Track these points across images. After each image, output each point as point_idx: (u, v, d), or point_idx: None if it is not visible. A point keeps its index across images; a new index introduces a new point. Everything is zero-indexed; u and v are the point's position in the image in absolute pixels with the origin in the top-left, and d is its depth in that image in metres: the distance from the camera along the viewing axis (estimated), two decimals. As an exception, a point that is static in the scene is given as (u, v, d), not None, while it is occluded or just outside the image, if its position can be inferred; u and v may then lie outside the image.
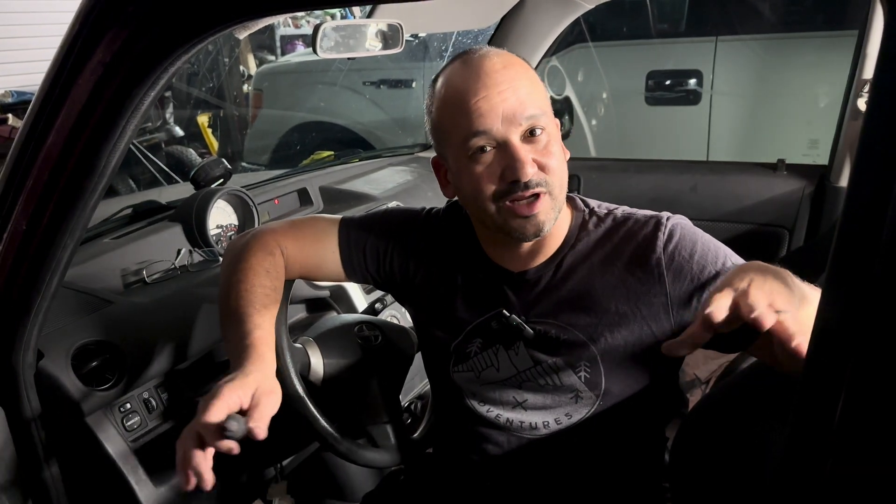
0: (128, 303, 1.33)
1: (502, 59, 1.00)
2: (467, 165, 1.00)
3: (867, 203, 0.50)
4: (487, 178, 0.99)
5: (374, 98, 4.52)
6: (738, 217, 2.08)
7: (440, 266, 1.16)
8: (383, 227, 1.19)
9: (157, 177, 3.50)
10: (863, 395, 0.51)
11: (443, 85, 1.03)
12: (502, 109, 0.96)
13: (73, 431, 1.16)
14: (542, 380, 1.08)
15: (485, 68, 0.98)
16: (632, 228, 1.06)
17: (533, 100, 0.98)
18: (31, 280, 1.00)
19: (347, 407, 1.22)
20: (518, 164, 0.96)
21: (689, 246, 1.03)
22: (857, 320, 0.51)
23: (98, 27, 0.83)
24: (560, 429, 1.10)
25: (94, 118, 0.87)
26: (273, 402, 0.90)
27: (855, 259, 0.51)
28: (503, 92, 0.96)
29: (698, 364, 1.96)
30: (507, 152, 0.97)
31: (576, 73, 3.55)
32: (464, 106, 0.98)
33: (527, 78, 1.00)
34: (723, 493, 1.07)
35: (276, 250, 1.14)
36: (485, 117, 0.96)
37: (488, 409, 1.13)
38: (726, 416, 1.15)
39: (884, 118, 0.49)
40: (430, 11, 1.80)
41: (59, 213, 0.95)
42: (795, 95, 3.20)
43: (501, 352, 1.10)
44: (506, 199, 0.99)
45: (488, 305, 1.11)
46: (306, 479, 1.67)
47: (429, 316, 1.18)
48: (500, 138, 0.97)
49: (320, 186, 2.03)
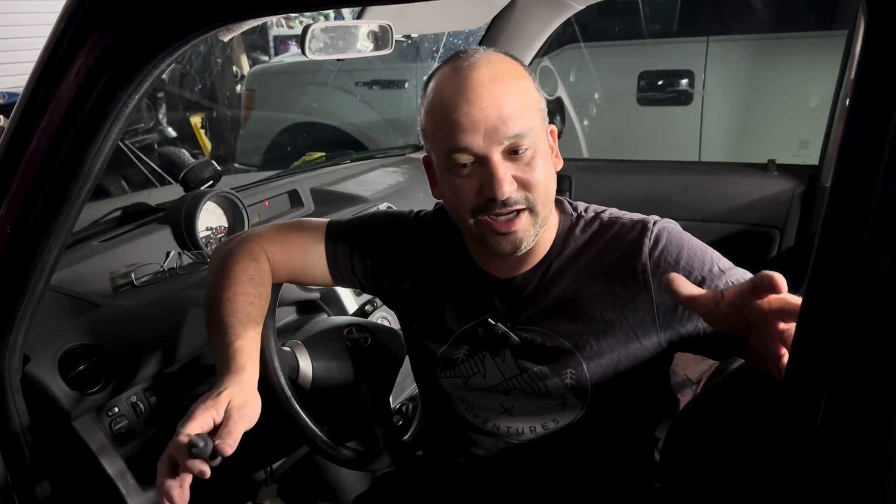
0: (116, 306, 1.32)
1: (491, 69, 0.96)
2: (447, 176, 1.00)
3: (849, 203, 0.50)
4: (466, 192, 0.98)
5: (366, 99, 4.52)
6: (729, 217, 2.08)
7: (427, 271, 1.15)
8: (370, 232, 1.19)
9: (150, 178, 3.47)
10: (845, 395, 0.51)
11: (431, 91, 1.01)
12: (484, 126, 0.94)
13: (60, 436, 1.15)
14: (528, 387, 1.08)
15: (471, 81, 0.95)
16: (618, 233, 1.05)
17: (519, 116, 0.95)
18: (17, 284, 1.00)
19: (337, 410, 1.22)
20: (496, 182, 0.94)
21: (675, 252, 1.01)
22: (840, 321, 0.51)
23: (81, 30, 0.82)
24: (547, 433, 1.10)
25: (79, 121, 0.86)
26: (246, 416, 0.91)
27: (837, 259, 0.51)
28: (485, 109, 0.94)
29: (689, 365, 1.96)
30: (486, 168, 0.95)
31: (567, 74, 3.55)
32: (447, 118, 0.96)
33: (516, 91, 0.96)
34: (714, 494, 1.07)
35: (262, 256, 1.13)
36: (465, 133, 0.94)
37: (475, 415, 1.13)
38: (717, 416, 1.15)
39: (865, 119, 0.50)
40: (421, 12, 1.80)
41: (45, 217, 0.94)
42: (786, 95, 3.22)
43: (488, 359, 1.10)
44: (484, 215, 0.98)
45: (475, 312, 1.10)
46: (297, 481, 1.66)
47: (416, 322, 1.17)
48: (480, 154, 0.95)
49: (311, 188, 2.03)
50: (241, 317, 1.05)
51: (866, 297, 0.49)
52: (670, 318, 1.01)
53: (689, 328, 1.01)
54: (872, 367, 0.49)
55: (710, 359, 1.81)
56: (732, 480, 0.97)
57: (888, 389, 0.49)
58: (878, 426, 0.50)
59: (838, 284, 0.51)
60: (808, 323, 0.54)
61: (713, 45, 3.30)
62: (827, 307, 0.52)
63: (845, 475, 0.52)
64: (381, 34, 1.54)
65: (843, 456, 0.52)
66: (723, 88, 3.31)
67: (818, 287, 0.53)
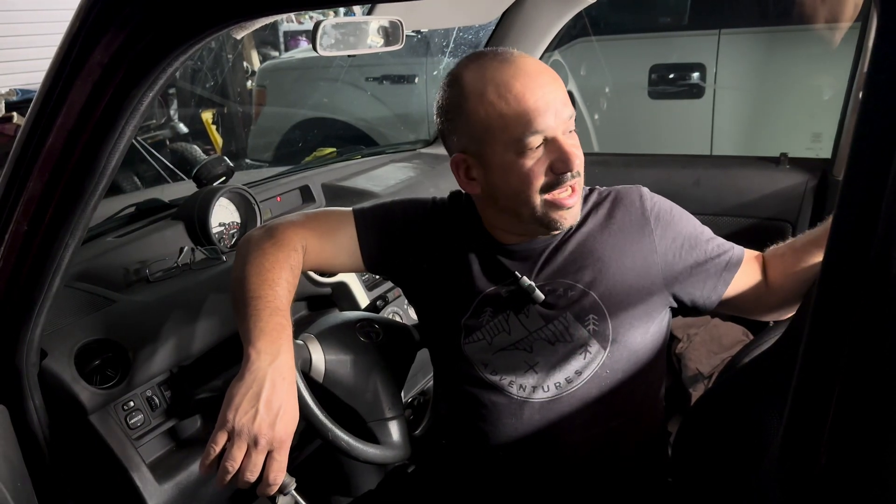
0: (130, 301, 1.34)
1: (529, 62, 1.07)
2: (516, 161, 1.06)
3: (861, 197, 0.50)
4: (537, 173, 1.06)
5: (377, 94, 4.52)
6: (741, 211, 2.07)
7: (448, 250, 1.20)
8: (395, 217, 1.24)
9: (162, 174, 3.49)
10: (857, 390, 0.51)
11: (476, 87, 1.06)
12: (554, 108, 1.04)
13: (76, 430, 1.17)
14: (552, 337, 1.13)
15: (529, 69, 1.05)
16: (617, 197, 1.19)
17: (567, 99, 1.06)
18: (34, 280, 1.01)
19: (349, 403, 1.23)
20: (571, 157, 1.05)
21: (667, 207, 1.19)
22: (852, 315, 0.51)
23: (96, 29, 0.83)
24: (570, 391, 1.12)
25: (94, 119, 0.87)
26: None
27: (849, 253, 0.51)
28: (551, 92, 1.05)
29: (701, 359, 1.96)
30: (555, 146, 1.05)
31: (578, 68, 3.54)
32: (517, 106, 1.03)
33: (558, 80, 1.08)
34: (726, 488, 1.07)
35: (299, 246, 1.17)
36: (541, 116, 1.03)
37: (500, 378, 1.15)
38: (729, 410, 1.15)
39: (877, 112, 0.49)
40: (431, 8, 1.80)
41: (60, 214, 0.95)
42: (799, 88, 3.19)
43: (512, 317, 1.15)
44: (551, 192, 1.07)
45: (496, 278, 1.17)
46: (310, 475, 1.67)
47: (437, 297, 1.21)
48: (550, 135, 1.05)
49: (323, 183, 2.03)
50: (284, 300, 1.08)
51: (878, 291, 0.49)
52: (672, 268, 1.14)
53: (688, 282, 1.15)
54: (884, 362, 0.49)
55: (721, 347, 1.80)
56: (745, 475, 0.97)
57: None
58: (889, 422, 0.50)
59: (850, 278, 0.51)
60: (819, 317, 0.54)
61: (725, 38, 3.27)
62: (839, 301, 0.52)
63: (856, 471, 0.52)
64: (391, 30, 1.54)
65: (853, 452, 0.52)
66: (735, 81, 3.28)
67: (830, 281, 0.53)
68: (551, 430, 1.14)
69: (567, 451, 1.15)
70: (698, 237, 1.17)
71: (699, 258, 1.15)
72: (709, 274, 1.15)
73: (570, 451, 1.15)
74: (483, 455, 1.19)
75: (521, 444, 1.15)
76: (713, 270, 1.15)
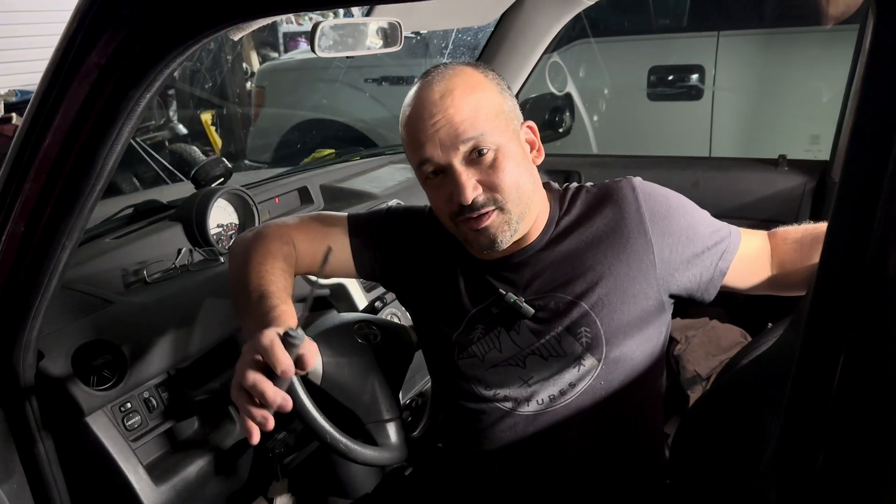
0: (128, 303, 1.33)
1: (442, 85, 1.03)
2: (425, 186, 1.09)
3: (858, 199, 0.50)
4: (442, 200, 1.06)
5: (376, 95, 4.52)
6: (740, 213, 2.07)
7: (439, 264, 1.18)
8: (389, 225, 1.23)
9: (161, 175, 3.49)
10: (854, 391, 0.51)
11: (407, 102, 1.09)
12: (438, 138, 1.02)
13: (73, 431, 1.17)
14: (545, 351, 1.11)
15: (423, 100, 1.04)
16: (606, 194, 1.12)
17: (471, 122, 1.01)
18: (31, 281, 1.01)
19: (347, 405, 1.23)
20: (459, 189, 1.02)
21: (662, 199, 1.11)
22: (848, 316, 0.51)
23: (93, 30, 0.83)
24: (564, 403, 1.11)
25: (91, 120, 0.87)
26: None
27: (845, 255, 0.51)
28: (437, 122, 1.02)
29: (699, 361, 1.96)
30: (450, 177, 1.03)
31: (577, 69, 3.54)
32: (409, 135, 1.06)
33: (465, 101, 1.02)
34: (724, 489, 1.07)
35: (291, 241, 1.16)
36: (425, 147, 1.03)
37: (494, 393, 1.14)
38: (727, 412, 1.15)
39: (873, 114, 0.49)
40: (430, 9, 1.79)
41: (57, 215, 0.95)
42: (797, 90, 3.19)
43: (503, 334, 1.13)
44: (458, 217, 1.06)
45: (485, 294, 1.14)
46: (307, 476, 1.67)
47: (430, 310, 1.20)
48: (442, 164, 1.03)
49: (321, 185, 2.03)
50: (282, 287, 1.05)
51: (874, 292, 0.49)
52: (669, 265, 1.09)
53: (685, 276, 1.10)
54: (881, 363, 0.49)
55: (719, 349, 1.79)
56: (743, 477, 0.97)
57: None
58: (886, 424, 0.50)
59: (846, 280, 0.51)
60: (816, 318, 0.54)
61: (724, 40, 3.27)
62: (835, 302, 0.52)
63: (853, 472, 0.52)
64: (390, 31, 1.54)
65: (850, 454, 0.52)
66: (733, 83, 3.29)
67: (826, 282, 0.53)
68: (546, 441, 1.13)
69: (563, 460, 1.14)
70: (696, 227, 1.10)
71: (696, 250, 1.09)
72: (705, 265, 1.10)
73: (566, 461, 1.14)
74: (480, 465, 1.19)
75: (516, 455, 1.15)
76: (709, 262, 1.10)
